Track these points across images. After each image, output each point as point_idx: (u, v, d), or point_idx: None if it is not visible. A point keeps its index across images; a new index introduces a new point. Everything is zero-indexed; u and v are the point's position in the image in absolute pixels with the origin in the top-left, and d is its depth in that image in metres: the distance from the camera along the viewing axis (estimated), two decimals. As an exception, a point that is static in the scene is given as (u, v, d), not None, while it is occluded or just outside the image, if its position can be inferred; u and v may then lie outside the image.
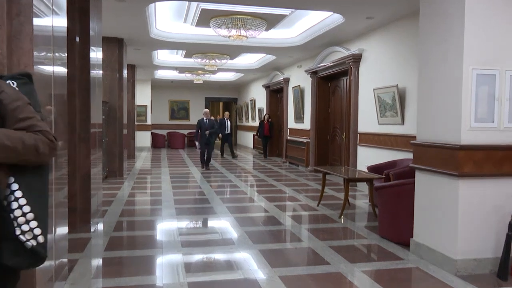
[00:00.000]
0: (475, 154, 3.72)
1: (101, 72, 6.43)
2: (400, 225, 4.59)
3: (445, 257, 3.83)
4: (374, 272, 3.85)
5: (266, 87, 15.68)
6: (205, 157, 11.45)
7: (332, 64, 9.68)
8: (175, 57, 13.56)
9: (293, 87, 12.98)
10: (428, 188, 4.11)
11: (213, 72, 15.67)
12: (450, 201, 3.81)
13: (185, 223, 5.67)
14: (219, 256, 4.30)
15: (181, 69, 15.27)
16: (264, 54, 12.50)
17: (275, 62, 13.11)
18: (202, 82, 17.81)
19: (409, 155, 6.08)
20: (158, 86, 20.26)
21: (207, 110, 11.72)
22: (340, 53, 9.39)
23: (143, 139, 18.16)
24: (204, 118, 11.40)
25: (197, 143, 11.41)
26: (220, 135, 14.70)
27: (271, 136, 14.79)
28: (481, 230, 3.77)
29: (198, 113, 21.60)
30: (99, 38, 6.12)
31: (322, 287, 3.52)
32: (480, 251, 3.77)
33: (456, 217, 3.74)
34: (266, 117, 14.73)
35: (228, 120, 15.12)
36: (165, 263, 4.04)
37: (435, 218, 4.01)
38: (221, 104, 26.22)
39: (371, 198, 5.98)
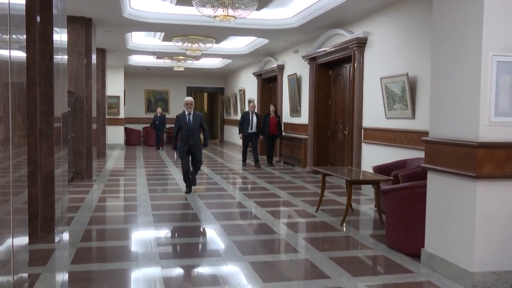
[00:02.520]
0: (496, 152, 3.77)
1: (66, 57, 6.38)
2: (410, 234, 4.64)
3: (460, 270, 3.89)
4: (379, 287, 3.89)
5: (258, 75, 15.70)
6: (190, 172, 8.22)
7: (333, 49, 9.72)
8: (152, 41, 13.50)
9: (288, 76, 13.01)
10: (442, 192, 4.15)
11: (196, 58, 15.63)
12: (467, 206, 3.86)
13: (164, 232, 5.67)
14: (203, 269, 4.31)
15: (159, 54, 15.21)
16: (255, 38, 12.51)
17: (267, 47, 13.12)
18: (183, 69, 17.76)
19: (421, 154, 6.13)
20: (133, 74, 20.17)
21: (189, 98, 8.21)
22: (343, 36, 9.43)
23: (115, 135, 18.06)
24: (186, 112, 8.05)
25: (175, 153, 8.44)
26: (240, 134, 12.60)
27: (280, 135, 12.87)
28: (502, 239, 3.82)
29: (179, 104, 21.51)
30: (64, 17, 6.07)
31: (322, 305, 3.55)
32: (501, 263, 3.82)
33: (473, 225, 3.79)
34: (271, 109, 12.72)
35: (255, 114, 12.62)
36: (141, 278, 4.04)
37: (449, 226, 4.06)
38: (205, 94, 26.19)
39: (377, 203, 6.03)
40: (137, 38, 13.26)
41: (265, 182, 9.55)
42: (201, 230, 5.82)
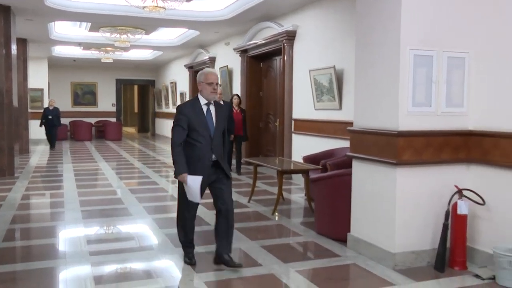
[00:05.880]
0: (414, 140, 4.02)
1: (-18, 47, 6.01)
2: (337, 220, 4.84)
3: (383, 252, 4.13)
4: (309, 272, 4.05)
5: (189, 67, 15.57)
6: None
7: (264, 41, 9.84)
8: (78, 31, 12.98)
9: (220, 68, 13.02)
10: (366, 178, 4.38)
11: (125, 49, 15.22)
12: (388, 191, 4.09)
13: (93, 228, 5.52)
14: (135, 264, 4.26)
15: (86, 45, 14.66)
16: (186, 29, 12.38)
17: (199, 39, 13.04)
18: (112, 61, 17.24)
19: (348, 143, 6.37)
20: (58, 66, 19.27)
21: (214, 72, 4.13)
22: (273, 29, 9.57)
23: (39, 129, 17.22)
24: (201, 101, 4.05)
25: (190, 184, 3.86)
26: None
27: (245, 138, 9.55)
28: (419, 221, 4.11)
29: (108, 97, 20.92)
30: (-21, 4, 5.70)
31: (254, 292, 3.64)
32: (418, 243, 4.10)
33: (394, 209, 4.04)
34: (235, 101, 9.35)
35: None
36: (70, 276, 3.93)
37: (372, 211, 4.29)
38: (135, 87, 25.60)
39: (307, 191, 6.22)
40: (61, 28, 12.68)
41: (198, 175, 9.51)
42: (133, 224, 5.72)
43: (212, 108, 4.05)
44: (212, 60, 13.67)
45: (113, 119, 20.77)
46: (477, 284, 3.75)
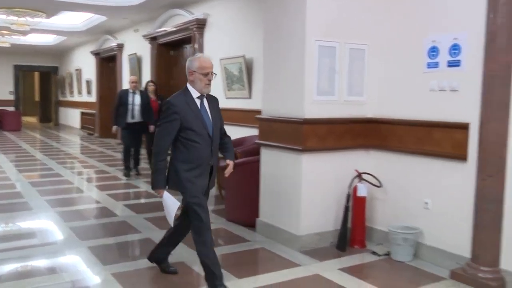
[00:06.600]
0: (318, 128, 4.22)
1: None
2: (247, 206, 4.95)
3: (290, 235, 4.30)
4: (219, 257, 4.04)
5: (96, 54, 14.93)
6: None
7: (174, 29, 9.69)
8: (-32, 11, 11.88)
9: (128, 55, 12.62)
10: (273, 165, 4.51)
11: (24, 33, 14.20)
12: (294, 177, 4.26)
13: (-11, 225, 5.14)
14: (37, 261, 4.04)
15: (-22, 27, 13.47)
16: (92, 14, 11.83)
17: (106, 24, 12.51)
18: (9, 45, 16.02)
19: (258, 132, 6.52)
20: None
21: (208, 60, 3.65)
22: (183, 17, 9.44)
23: None
24: (193, 95, 3.46)
25: (165, 203, 3.65)
26: (115, 127, 8.18)
27: None
28: (323, 204, 4.33)
29: (4, 84, 19.45)
30: None
31: (163, 281, 3.63)
32: (322, 225, 4.33)
33: (299, 193, 4.21)
34: (150, 88, 8.56)
35: (139, 94, 8.19)
36: (-39, 275, 3.64)
37: (279, 196, 4.44)
38: (36, 74, 24.01)
39: (217, 179, 6.26)
40: None
41: (105, 166, 9.21)
42: (34, 219, 5.41)
43: (205, 101, 3.45)
44: (120, 47, 13.22)
45: (11, 108, 19.32)
46: (374, 260, 4.05)
